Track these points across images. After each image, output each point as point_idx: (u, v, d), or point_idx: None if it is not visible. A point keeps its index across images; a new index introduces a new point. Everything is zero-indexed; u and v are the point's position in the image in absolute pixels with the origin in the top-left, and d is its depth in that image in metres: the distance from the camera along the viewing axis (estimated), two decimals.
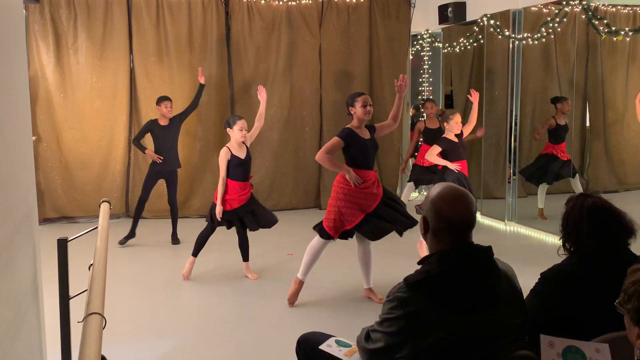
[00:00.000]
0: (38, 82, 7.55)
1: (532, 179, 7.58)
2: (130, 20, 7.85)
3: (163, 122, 6.69)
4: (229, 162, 5.28)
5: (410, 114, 9.72)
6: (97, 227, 2.65)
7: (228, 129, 5.43)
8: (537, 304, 2.36)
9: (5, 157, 2.31)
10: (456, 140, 6.04)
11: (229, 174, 5.29)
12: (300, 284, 4.84)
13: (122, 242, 6.71)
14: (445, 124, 6.10)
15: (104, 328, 1.63)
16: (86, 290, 2.00)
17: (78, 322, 1.82)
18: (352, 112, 4.70)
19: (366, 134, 4.73)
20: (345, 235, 4.72)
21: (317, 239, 4.79)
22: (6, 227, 2.23)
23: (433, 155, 5.98)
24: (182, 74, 8.08)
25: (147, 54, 7.92)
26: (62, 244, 2.51)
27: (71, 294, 2.55)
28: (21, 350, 2.43)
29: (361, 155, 4.65)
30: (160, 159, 6.61)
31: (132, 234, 6.77)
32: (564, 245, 2.48)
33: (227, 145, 5.40)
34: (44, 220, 7.59)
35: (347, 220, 4.63)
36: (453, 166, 5.90)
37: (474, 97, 6.56)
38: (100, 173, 7.94)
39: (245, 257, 5.59)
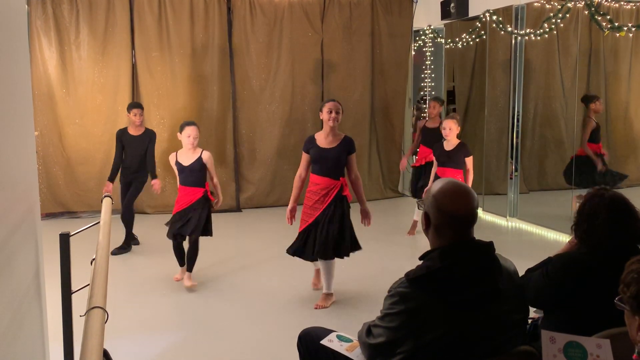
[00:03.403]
0: (40, 78, 7.56)
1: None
2: (132, 16, 7.85)
3: (134, 132, 6.32)
4: (176, 165, 5.23)
5: (413, 115, 9.70)
6: (99, 222, 2.66)
7: (178, 134, 5.23)
8: (543, 284, 2.41)
9: (8, 152, 2.32)
10: (447, 148, 5.86)
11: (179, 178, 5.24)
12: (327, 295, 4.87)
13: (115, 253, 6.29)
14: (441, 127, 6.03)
15: (106, 322, 1.64)
16: (88, 284, 2.00)
17: (80, 316, 1.82)
18: (321, 118, 4.77)
19: (331, 143, 4.71)
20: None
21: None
22: (8, 221, 2.24)
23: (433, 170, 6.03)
24: (184, 70, 8.08)
25: (149, 50, 7.92)
26: (65, 239, 2.52)
27: (73, 288, 2.55)
28: (24, 343, 2.44)
29: (316, 162, 4.70)
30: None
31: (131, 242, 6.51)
32: (575, 232, 2.49)
33: (178, 150, 5.28)
34: (46, 215, 7.61)
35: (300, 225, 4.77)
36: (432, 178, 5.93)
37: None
38: (102, 168, 7.94)
39: (189, 267, 5.22)
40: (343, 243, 4.67)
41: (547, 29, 6.94)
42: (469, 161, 5.86)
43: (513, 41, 7.55)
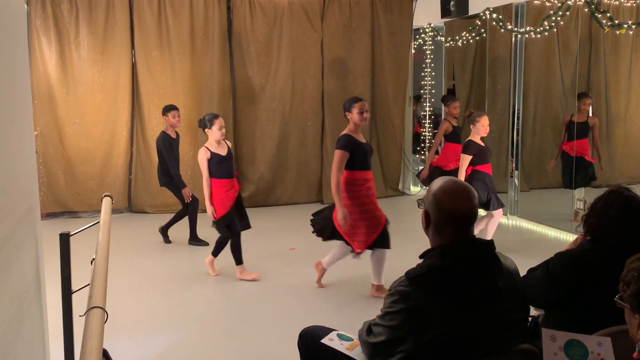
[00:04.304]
0: (40, 77, 7.55)
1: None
2: (131, 15, 7.84)
3: (173, 134, 6.45)
4: (209, 160, 5.17)
5: (412, 108, 9.69)
6: (99, 222, 2.65)
7: (207, 130, 5.19)
8: (544, 282, 2.41)
9: (8, 152, 2.31)
10: (482, 143, 5.86)
11: (212, 173, 5.18)
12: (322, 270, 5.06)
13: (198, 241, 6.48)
14: (471, 126, 5.84)
15: (105, 322, 1.63)
16: (88, 284, 2.00)
17: (80, 315, 1.82)
18: (348, 117, 4.80)
19: (362, 138, 4.85)
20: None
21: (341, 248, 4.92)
22: (8, 221, 2.23)
23: (464, 167, 5.78)
24: (183, 69, 8.08)
25: (149, 49, 7.91)
26: (65, 239, 2.51)
27: (73, 288, 2.55)
28: (24, 343, 2.44)
29: (361, 159, 4.74)
30: (189, 197, 6.35)
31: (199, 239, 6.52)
32: (584, 223, 2.50)
33: (204, 145, 5.23)
34: (47, 215, 7.61)
35: (367, 233, 4.74)
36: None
37: None
38: (102, 168, 7.95)
39: (239, 260, 5.37)
40: None
41: (547, 27, 6.93)
42: None
43: (513, 39, 7.55)
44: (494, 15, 7.65)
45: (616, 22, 6.25)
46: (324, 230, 4.86)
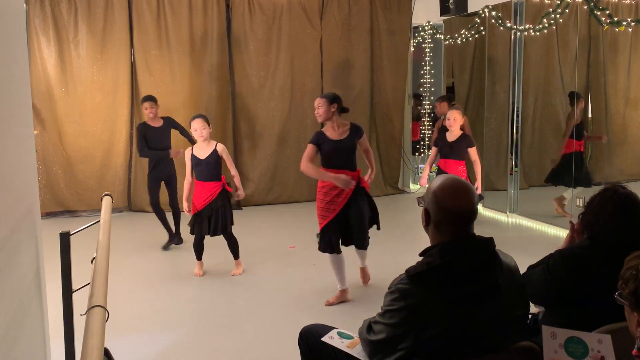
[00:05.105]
0: (39, 76, 7.55)
1: (556, 180, 7.30)
2: (130, 14, 7.84)
3: (155, 124, 6.30)
4: (191, 160, 5.23)
5: (411, 105, 9.70)
6: (99, 221, 2.65)
7: (191, 130, 5.29)
8: (544, 280, 2.42)
9: (7, 151, 2.31)
10: (451, 138, 5.91)
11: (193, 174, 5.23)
12: (342, 292, 4.80)
13: (166, 248, 6.37)
14: None
15: (106, 321, 1.63)
16: (89, 283, 2.00)
17: (81, 314, 1.82)
18: None
19: (340, 135, 4.69)
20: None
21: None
22: (8, 221, 2.23)
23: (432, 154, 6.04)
24: (183, 68, 8.07)
25: (148, 48, 7.91)
26: (65, 238, 2.51)
27: (74, 287, 2.55)
28: (25, 342, 2.44)
29: (328, 155, 4.66)
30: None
31: (172, 237, 6.43)
32: (581, 220, 2.51)
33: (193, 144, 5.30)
34: (47, 214, 7.61)
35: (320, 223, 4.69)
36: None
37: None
38: (101, 167, 7.95)
39: (236, 256, 5.49)
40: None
41: (546, 24, 6.93)
42: (473, 152, 5.86)
43: (512, 37, 7.55)
44: (493, 13, 7.65)
45: (615, 19, 6.25)
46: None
